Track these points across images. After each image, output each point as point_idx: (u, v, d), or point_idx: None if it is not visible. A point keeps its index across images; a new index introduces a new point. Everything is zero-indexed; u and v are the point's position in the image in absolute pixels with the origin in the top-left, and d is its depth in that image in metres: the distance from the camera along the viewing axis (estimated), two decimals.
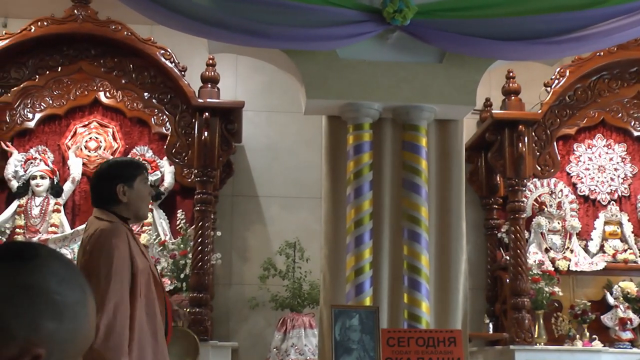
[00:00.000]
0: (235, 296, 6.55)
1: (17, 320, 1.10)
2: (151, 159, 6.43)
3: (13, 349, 1.09)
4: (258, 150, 6.81)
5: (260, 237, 6.68)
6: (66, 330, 1.14)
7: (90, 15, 6.02)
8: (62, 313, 1.14)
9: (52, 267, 1.16)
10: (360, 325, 3.87)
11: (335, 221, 4.46)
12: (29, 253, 1.16)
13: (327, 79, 4.35)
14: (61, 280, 1.16)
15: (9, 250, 1.18)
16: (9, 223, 6.26)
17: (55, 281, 1.15)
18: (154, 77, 6.13)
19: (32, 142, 6.49)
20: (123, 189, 3.17)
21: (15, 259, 1.15)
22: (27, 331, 1.10)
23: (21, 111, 6.30)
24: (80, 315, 1.17)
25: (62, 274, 1.17)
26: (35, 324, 1.11)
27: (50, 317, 1.12)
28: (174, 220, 6.33)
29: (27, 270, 1.14)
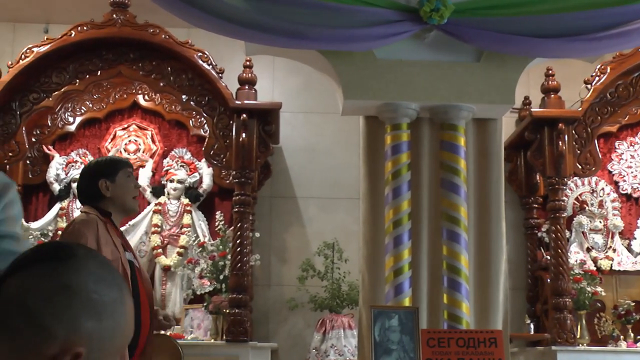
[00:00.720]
0: (275, 297, 6.57)
1: (57, 320, 1.12)
2: (190, 160, 6.49)
3: (54, 348, 1.12)
4: (295, 151, 6.83)
5: (298, 238, 6.70)
6: (105, 329, 1.16)
7: (128, 20, 6.09)
8: (101, 312, 1.16)
9: (89, 267, 1.18)
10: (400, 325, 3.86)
11: (373, 222, 4.45)
12: (66, 253, 1.19)
13: (365, 79, 4.35)
14: (98, 279, 1.18)
15: (46, 251, 1.20)
16: (51, 225, 6.37)
17: (92, 280, 1.17)
18: (191, 79, 6.18)
19: (73, 145, 6.59)
20: (106, 184, 3.29)
21: (53, 259, 1.17)
22: (67, 330, 1.12)
23: (62, 115, 6.40)
24: (118, 313, 1.19)
25: (99, 273, 1.19)
26: (75, 323, 1.13)
27: (89, 316, 1.14)
28: (213, 222, 6.38)
29: (65, 271, 1.16)
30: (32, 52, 5.97)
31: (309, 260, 6.22)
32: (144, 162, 6.53)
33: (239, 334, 5.72)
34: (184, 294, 6.25)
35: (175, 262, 6.28)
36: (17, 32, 6.89)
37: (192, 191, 6.46)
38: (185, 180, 6.42)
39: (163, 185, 6.48)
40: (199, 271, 6.18)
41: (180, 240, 6.35)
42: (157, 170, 6.60)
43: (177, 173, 6.43)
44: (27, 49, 5.98)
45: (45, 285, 1.14)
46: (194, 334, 5.98)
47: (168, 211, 6.42)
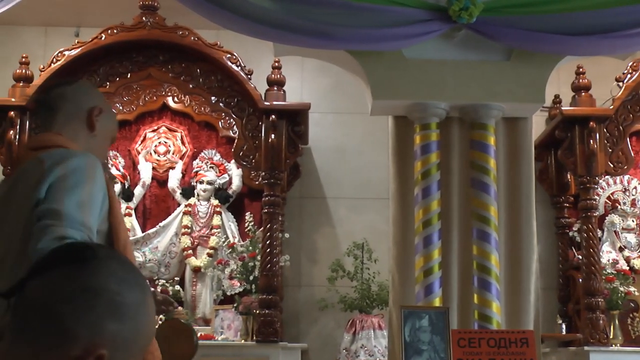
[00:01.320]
0: (305, 298, 6.59)
1: (79, 322, 1.13)
2: (219, 162, 6.53)
3: (77, 350, 1.12)
4: (325, 151, 6.84)
5: (328, 239, 6.71)
6: (128, 330, 1.16)
7: (158, 22, 6.14)
8: (123, 313, 1.16)
9: (111, 268, 1.18)
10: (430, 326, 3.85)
11: (403, 222, 4.45)
12: (88, 254, 1.19)
13: (393, 79, 4.34)
14: (120, 280, 1.18)
15: (68, 252, 1.20)
16: None
17: (114, 282, 1.17)
18: (220, 81, 6.22)
19: None
20: None
21: (74, 260, 1.18)
22: (89, 332, 1.13)
23: None
24: (140, 315, 1.19)
25: (121, 275, 1.19)
26: (97, 325, 1.13)
27: (112, 317, 1.15)
28: (243, 223, 6.41)
29: (87, 272, 1.16)
30: (64, 55, 6.04)
31: (339, 260, 6.23)
32: (174, 164, 6.58)
33: (269, 335, 5.74)
34: (214, 295, 6.28)
35: (205, 263, 6.31)
36: (49, 36, 6.97)
37: (222, 192, 6.49)
38: (214, 182, 6.46)
39: (193, 187, 6.52)
40: (229, 272, 6.21)
41: (210, 242, 6.39)
42: (186, 172, 6.65)
43: (206, 174, 6.46)
44: (59, 53, 6.06)
45: (68, 287, 1.15)
46: (225, 335, 6.01)
47: (198, 212, 6.46)
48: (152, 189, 6.59)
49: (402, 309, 3.91)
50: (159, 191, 6.62)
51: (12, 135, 5.92)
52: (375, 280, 6.08)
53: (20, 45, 6.75)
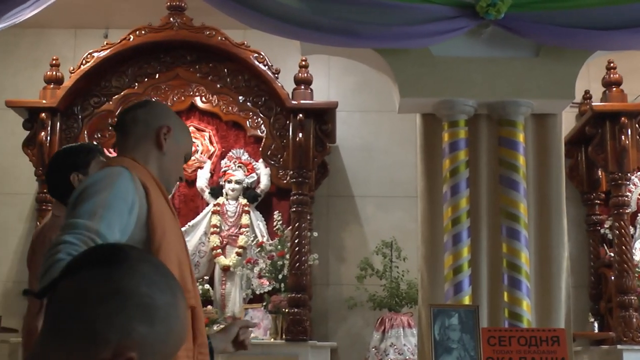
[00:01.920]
0: (333, 296, 6.59)
1: (109, 325, 1.12)
2: (247, 161, 6.55)
3: (107, 352, 1.12)
4: (352, 150, 6.83)
5: (356, 237, 6.71)
6: (158, 333, 1.15)
7: (185, 23, 6.17)
8: (153, 316, 1.15)
9: (142, 270, 1.18)
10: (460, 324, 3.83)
11: (432, 220, 4.44)
12: (119, 256, 1.18)
13: (421, 76, 4.33)
14: (151, 283, 1.17)
15: (99, 253, 1.20)
16: None
17: (145, 284, 1.16)
18: (248, 80, 6.24)
19: None
20: (78, 178, 3.04)
21: (106, 262, 1.17)
22: (119, 335, 1.12)
23: None
24: (171, 318, 1.18)
25: (152, 277, 1.18)
26: (127, 328, 1.13)
27: (142, 320, 1.14)
28: (271, 222, 6.42)
29: (118, 274, 1.16)
30: (93, 57, 6.10)
31: (367, 259, 6.22)
32: (202, 164, 6.61)
33: (298, 333, 5.76)
34: (243, 294, 6.31)
35: (234, 262, 6.34)
36: (78, 38, 7.04)
37: (250, 191, 6.51)
38: (243, 181, 6.48)
39: (221, 186, 6.55)
40: (258, 271, 6.23)
41: (239, 241, 6.41)
42: (215, 171, 6.68)
43: (234, 174, 6.48)
44: (88, 54, 6.12)
45: (98, 289, 1.14)
46: (254, 333, 6.03)
47: (226, 212, 6.49)
48: (181, 189, 6.63)
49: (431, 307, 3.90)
50: (187, 191, 6.66)
51: (44, 136, 5.98)
52: (404, 279, 6.06)
53: (50, 48, 6.83)
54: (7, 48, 6.93)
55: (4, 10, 4.21)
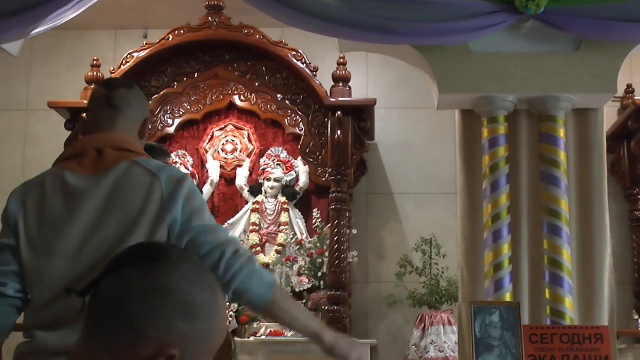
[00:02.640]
0: (373, 293, 6.59)
1: (151, 321, 1.14)
2: (286, 159, 6.57)
3: (148, 349, 1.14)
4: (390, 147, 6.82)
5: (395, 234, 6.70)
6: (198, 330, 1.17)
7: (223, 22, 6.21)
8: (194, 313, 1.17)
9: (182, 268, 1.19)
10: (501, 321, 3.81)
11: (471, 216, 4.42)
12: (160, 255, 1.20)
13: (459, 72, 4.31)
14: (192, 281, 1.19)
15: (140, 252, 1.22)
16: None
17: (186, 282, 1.18)
18: (286, 78, 6.26)
19: (172, 147, 6.77)
20: None
21: (147, 260, 1.19)
22: (161, 332, 1.14)
23: (161, 117, 6.58)
24: (211, 315, 1.19)
25: (192, 275, 1.20)
26: (169, 325, 1.14)
27: (182, 317, 1.15)
28: (310, 219, 6.44)
29: (159, 272, 1.17)
30: (132, 57, 6.17)
31: (406, 256, 6.21)
32: (241, 162, 6.66)
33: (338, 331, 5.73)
34: None
35: (273, 259, 6.37)
36: (118, 38, 7.13)
37: (289, 189, 6.54)
38: (281, 179, 6.51)
39: (260, 184, 6.59)
40: (297, 268, 6.26)
41: (278, 238, 6.44)
42: (254, 169, 6.71)
43: (273, 171, 6.52)
44: (127, 55, 6.19)
45: (140, 286, 1.16)
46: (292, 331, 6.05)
47: (265, 209, 6.52)
48: (220, 187, 6.68)
49: (471, 305, 3.88)
50: (226, 189, 6.71)
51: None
52: (444, 276, 6.05)
53: (90, 49, 6.92)
54: (49, 50, 7.05)
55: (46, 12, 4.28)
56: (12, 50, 4.84)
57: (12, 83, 7.06)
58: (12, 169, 6.76)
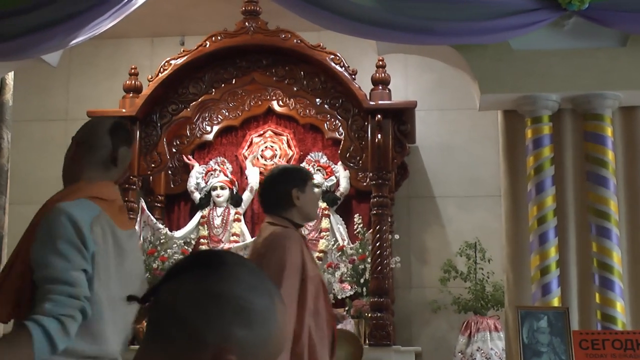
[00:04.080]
0: (416, 299, 6.55)
1: (208, 328, 1.15)
2: (326, 164, 6.57)
3: (206, 355, 1.14)
4: (432, 149, 6.78)
5: (438, 239, 6.65)
6: (256, 337, 1.17)
7: (260, 27, 6.23)
8: (251, 320, 1.17)
9: (239, 275, 1.20)
10: (549, 327, 3.76)
11: (516, 219, 4.38)
12: (216, 261, 1.21)
13: (501, 72, 4.28)
14: (249, 287, 1.19)
15: (197, 259, 1.23)
16: (193, 234, 6.60)
17: (242, 288, 1.19)
18: (324, 82, 6.25)
19: (211, 154, 6.81)
20: (297, 194, 3.31)
21: (203, 267, 1.20)
22: (218, 338, 1.15)
23: (200, 125, 6.63)
24: (270, 322, 1.20)
25: (249, 281, 1.20)
26: (226, 331, 1.15)
27: (240, 324, 1.16)
28: (351, 225, 6.43)
29: (216, 278, 1.18)
30: (170, 64, 6.21)
31: (450, 261, 6.17)
32: None
33: (381, 338, 5.73)
34: None
35: None
36: (155, 46, 7.20)
37: (330, 195, 6.53)
38: (322, 184, 6.50)
39: None
40: (339, 275, 6.24)
41: (319, 245, 6.44)
42: None
43: (313, 177, 6.51)
44: (165, 62, 6.23)
45: (197, 293, 1.17)
46: None
47: None
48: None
49: (518, 310, 3.84)
50: None
51: None
52: (489, 281, 5.99)
53: (128, 57, 7.00)
54: (87, 60, 7.14)
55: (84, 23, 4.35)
56: (52, 61, 4.92)
57: (52, 93, 7.17)
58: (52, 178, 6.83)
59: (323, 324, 3.16)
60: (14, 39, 4.39)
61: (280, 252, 3.12)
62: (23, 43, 4.40)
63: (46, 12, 4.33)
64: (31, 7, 4.36)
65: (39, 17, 4.33)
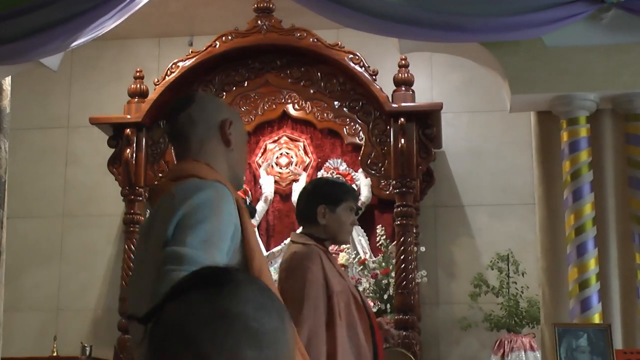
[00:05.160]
0: (444, 317, 6.54)
1: (216, 348, 1.15)
2: (345, 172, 6.57)
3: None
4: (460, 155, 6.78)
5: (467, 251, 6.64)
6: (265, 358, 1.17)
7: (274, 25, 6.25)
8: (261, 340, 1.17)
9: (248, 293, 1.21)
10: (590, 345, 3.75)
11: (552, 229, 4.38)
12: (225, 278, 1.21)
13: (534, 70, 4.28)
14: (258, 306, 1.20)
15: (204, 275, 1.23)
16: None
17: (252, 307, 1.19)
18: (343, 84, 6.26)
19: None
20: (324, 211, 3.32)
21: (210, 284, 1.21)
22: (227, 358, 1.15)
23: None
24: (280, 343, 1.20)
25: (258, 300, 1.21)
26: (235, 352, 1.15)
27: (249, 344, 1.16)
28: (374, 237, 6.42)
29: (224, 297, 1.19)
30: (178, 67, 6.25)
31: (481, 274, 6.15)
32: (297, 176, 6.67)
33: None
34: None
35: None
36: (162, 47, 7.24)
37: None
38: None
39: None
40: (362, 291, 6.23)
41: (339, 259, 6.43)
42: None
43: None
44: (173, 64, 6.27)
45: (205, 311, 1.17)
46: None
47: None
48: (275, 204, 6.71)
49: (555, 327, 3.83)
50: (282, 206, 6.73)
51: (129, 153, 6.15)
52: (523, 296, 5.97)
53: (133, 60, 7.04)
54: (89, 63, 7.20)
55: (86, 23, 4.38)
56: (52, 65, 4.96)
57: (53, 99, 7.22)
58: (53, 189, 6.90)
59: (358, 339, 3.17)
60: (11, 41, 4.43)
61: (300, 275, 3.15)
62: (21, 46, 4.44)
63: (46, 12, 4.37)
64: (29, 8, 4.40)
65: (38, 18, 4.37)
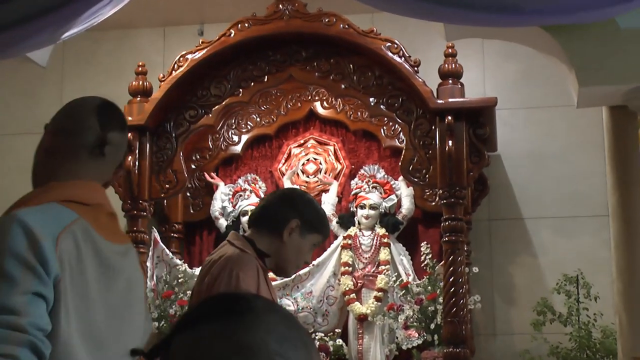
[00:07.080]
0: (503, 349, 6.52)
1: None
2: (384, 180, 6.56)
3: None
4: (518, 159, 6.76)
5: (529, 272, 6.61)
6: None
7: (298, 10, 6.24)
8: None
9: (270, 323, 1.21)
10: None
11: (629, 245, 4.36)
12: (242, 306, 1.22)
13: (605, 58, 4.26)
14: (282, 337, 1.20)
15: (220, 304, 1.24)
16: None
17: (274, 339, 1.19)
18: (379, 77, 6.24)
19: (239, 170, 6.84)
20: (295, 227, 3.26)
21: (227, 314, 1.21)
22: None
23: (225, 134, 6.66)
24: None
25: (282, 331, 1.21)
26: None
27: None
28: (417, 256, 6.40)
29: (243, 328, 1.19)
30: (186, 60, 6.25)
31: (546, 300, 6.12)
32: (327, 186, 6.67)
33: None
34: (386, 350, 6.30)
35: (372, 309, 6.35)
36: (168, 37, 7.27)
37: (389, 218, 6.52)
38: (379, 205, 6.49)
39: (352, 213, 6.58)
40: (404, 320, 6.21)
41: (377, 282, 6.42)
42: (343, 195, 6.72)
43: (369, 197, 6.51)
44: (180, 57, 6.27)
45: (221, 345, 1.18)
46: None
47: (360, 245, 6.51)
48: None
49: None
50: None
51: (131, 161, 6.16)
52: (596, 324, 5.94)
53: (135, 52, 7.09)
54: (84, 57, 7.25)
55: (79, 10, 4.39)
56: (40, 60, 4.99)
57: (41, 100, 7.27)
58: None
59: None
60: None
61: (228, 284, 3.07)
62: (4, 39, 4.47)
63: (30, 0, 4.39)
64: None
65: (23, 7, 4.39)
